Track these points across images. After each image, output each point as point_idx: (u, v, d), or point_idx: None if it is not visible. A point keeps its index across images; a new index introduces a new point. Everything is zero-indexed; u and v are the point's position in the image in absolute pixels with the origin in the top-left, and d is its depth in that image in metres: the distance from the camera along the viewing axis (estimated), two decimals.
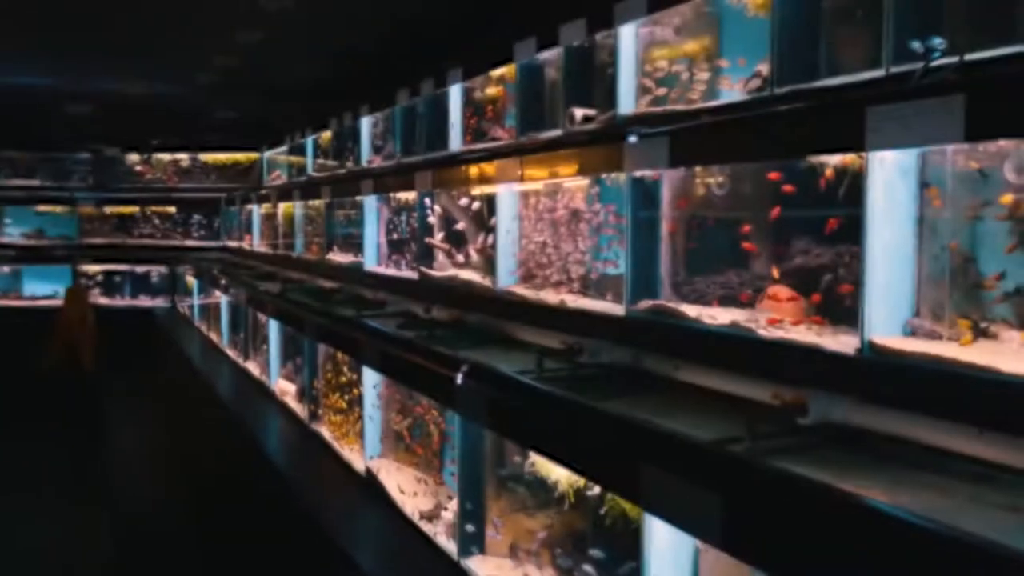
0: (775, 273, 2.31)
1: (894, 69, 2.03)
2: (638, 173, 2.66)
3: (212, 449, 5.99)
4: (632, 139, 2.60)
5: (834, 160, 2.09)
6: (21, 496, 8.02)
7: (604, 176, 3.04)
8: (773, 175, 2.27)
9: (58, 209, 11.87)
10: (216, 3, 5.60)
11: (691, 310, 2.49)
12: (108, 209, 11.85)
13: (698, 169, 2.63)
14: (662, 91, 2.95)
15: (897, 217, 1.91)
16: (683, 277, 2.67)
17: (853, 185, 2.01)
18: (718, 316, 2.40)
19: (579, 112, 3.38)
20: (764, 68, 2.52)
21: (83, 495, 7.95)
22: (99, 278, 11.43)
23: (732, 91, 2.74)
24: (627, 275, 2.71)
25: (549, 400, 2.24)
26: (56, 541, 6.97)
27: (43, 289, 11.33)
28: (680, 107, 2.86)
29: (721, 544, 1.56)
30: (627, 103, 3.10)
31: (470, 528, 2.78)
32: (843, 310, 2.11)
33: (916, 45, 1.93)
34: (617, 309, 2.79)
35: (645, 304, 2.64)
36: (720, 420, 2.04)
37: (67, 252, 11.45)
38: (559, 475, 2.45)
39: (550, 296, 3.24)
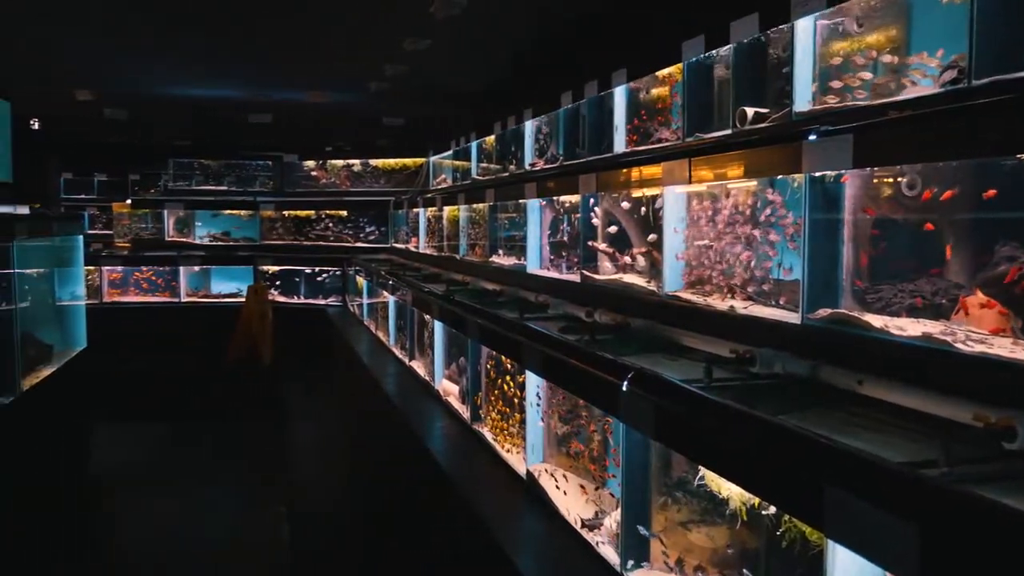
0: (975, 283, 2.12)
1: None
2: (817, 174, 2.52)
3: (379, 444, 6.21)
4: (812, 138, 2.46)
5: None
6: (207, 479, 8.63)
7: (778, 177, 2.90)
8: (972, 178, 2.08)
9: (242, 213, 12.69)
10: (387, 14, 5.79)
11: (875, 320, 2.33)
12: (286, 212, 12.55)
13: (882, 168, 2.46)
14: (855, 79, 2.77)
15: None
16: (867, 284, 2.50)
17: None
18: (907, 327, 2.23)
19: (750, 111, 3.25)
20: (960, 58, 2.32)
21: (263, 480, 8.45)
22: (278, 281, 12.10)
23: (924, 84, 2.54)
24: (804, 281, 2.57)
25: (720, 412, 2.14)
26: (238, 522, 7.45)
27: (228, 287, 12.12)
28: (864, 103, 2.68)
29: None
30: (804, 100, 2.94)
31: (634, 539, 2.71)
32: None
33: None
34: (792, 317, 2.65)
35: (823, 312, 2.50)
36: (911, 441, 1.88)
37: (249, 253, 12.20)
38: (731, 490, 2.35)
39: (718, 302, 3.13)
